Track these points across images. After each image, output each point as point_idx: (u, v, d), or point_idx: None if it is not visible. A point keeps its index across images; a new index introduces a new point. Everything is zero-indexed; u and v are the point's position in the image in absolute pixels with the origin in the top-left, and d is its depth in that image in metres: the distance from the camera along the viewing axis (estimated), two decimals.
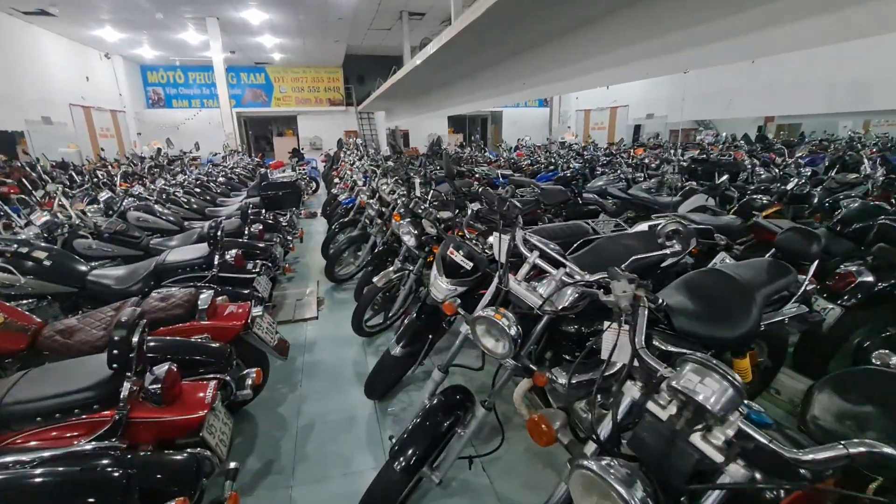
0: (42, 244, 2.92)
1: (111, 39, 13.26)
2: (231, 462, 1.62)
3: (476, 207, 3.00)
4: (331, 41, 14.91)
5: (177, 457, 1.48)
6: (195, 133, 15.11)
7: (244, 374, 2.13)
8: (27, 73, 10.89)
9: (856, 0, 2.35)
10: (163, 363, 1.74)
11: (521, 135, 16.41)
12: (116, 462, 1.31)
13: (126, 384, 1.60)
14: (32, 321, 2.15)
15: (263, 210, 5.12)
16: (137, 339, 1.59)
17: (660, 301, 1.33)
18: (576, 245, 2.62)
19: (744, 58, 3.15)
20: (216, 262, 3.04)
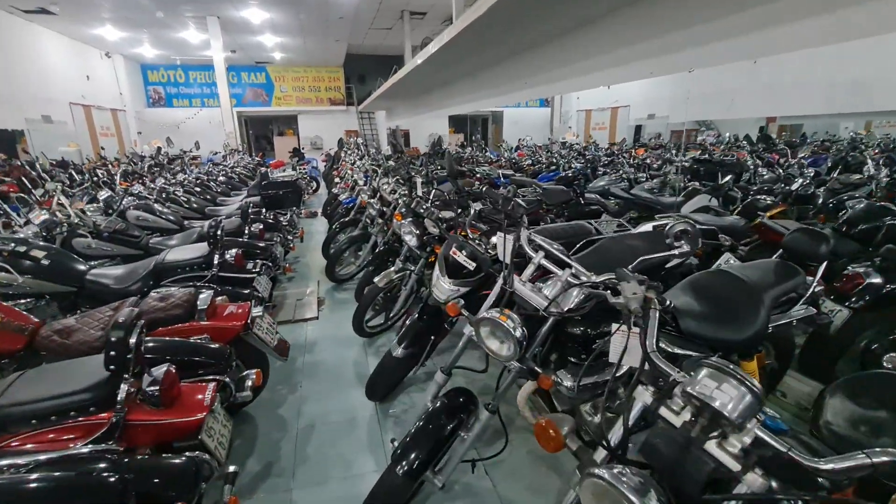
0: (40, 243, 2.89)
1: (112, 38, 13.24)
2: (230, 465, 1.60)
3: (479, 207, 2.97)
4: (332, 40, 14.88)
5: (175, 460, 1.46)
6: (195, 132, 15.09)
7: (244, 376, 2.10)
8: (27, 72, 10.86)
9: (855, 0, 2.34)
10: (161, 364, 1.71)
11: (522, 135, 16.39)
12: (113, 466, 1.28)
13: (123, 386, 1.57)
14: (30, 321, 2.12)
15: (264, 209, 5.09)
16: (135, 341, 1.56)
17: (667, 302, 1.31)
18: (579, 245, 2.60)
19: (744, 58, 3.15)
20: (216, 262, 3.01)
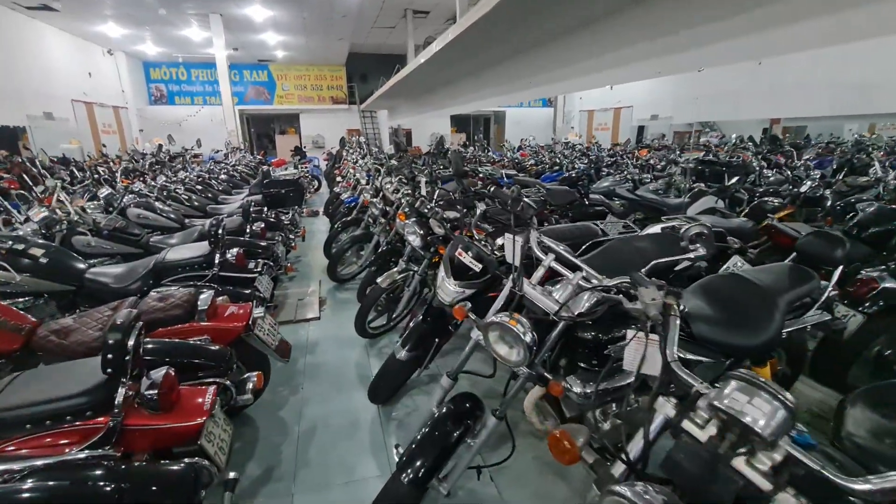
0: (39, 241, 2.85)
1: (114, 35, 13.22)
2: (230, 472, 1.55)
3: (484, 207, 2.92)
4: (334, 39, 14.85)
5: (173, 467, 1.41)
6: (197, 130, 15.09)
7: (245, 378, 2.05)
8: (30, 69, 10.84)
9: (856, 2, 2.33)
10: (160, 367, 1.66)
11: (525, 135, 16.34)
12: (109, 473, 1.24)
13: (121, 389, 1.52)
14: (27, 320, 2.08)
15: (265, 208, 5.05)
16: (133, 343, 1.51)
17: (681, 307, 1.26)
18: (585, 247, 2.56)
19: (746, 58, 3.15)
20: (217, 261, 2.96)
